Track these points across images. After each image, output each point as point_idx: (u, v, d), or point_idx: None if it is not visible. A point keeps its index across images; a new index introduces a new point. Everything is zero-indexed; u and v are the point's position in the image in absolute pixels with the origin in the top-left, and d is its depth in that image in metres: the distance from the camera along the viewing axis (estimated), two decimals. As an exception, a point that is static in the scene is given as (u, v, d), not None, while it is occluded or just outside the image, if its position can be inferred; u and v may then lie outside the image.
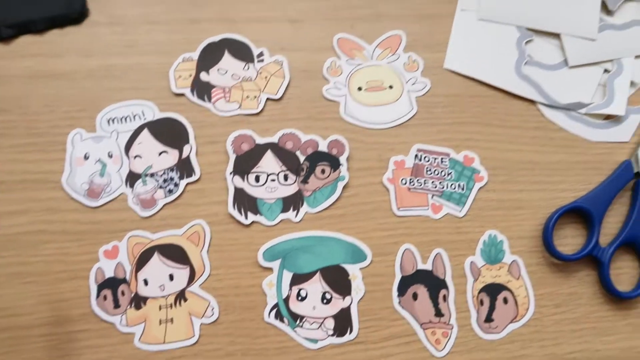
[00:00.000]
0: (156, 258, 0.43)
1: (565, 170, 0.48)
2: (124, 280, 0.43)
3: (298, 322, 0.43)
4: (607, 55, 0.50)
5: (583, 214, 0.46)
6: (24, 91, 0.48)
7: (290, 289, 0.44)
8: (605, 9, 0.52)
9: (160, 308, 0.42)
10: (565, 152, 0.49)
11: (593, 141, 0.49)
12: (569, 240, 0.46)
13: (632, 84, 0.50)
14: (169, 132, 0.47)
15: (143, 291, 0.43)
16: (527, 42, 0.51)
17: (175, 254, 0.44)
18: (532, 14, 0.51)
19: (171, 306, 0.42)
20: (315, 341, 0.43)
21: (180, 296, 0.43)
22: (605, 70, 0.50)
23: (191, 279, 0.43)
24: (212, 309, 0.43)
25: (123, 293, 0.42)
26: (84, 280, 0.43)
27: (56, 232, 0.44)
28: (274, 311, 0.43)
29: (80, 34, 0.50)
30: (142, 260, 0.43)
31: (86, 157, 0.46)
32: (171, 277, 0.43)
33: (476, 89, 0.50)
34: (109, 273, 0.43)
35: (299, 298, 0.43)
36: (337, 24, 0.51)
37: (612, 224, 0.47)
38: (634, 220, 0.45)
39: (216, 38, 0.50)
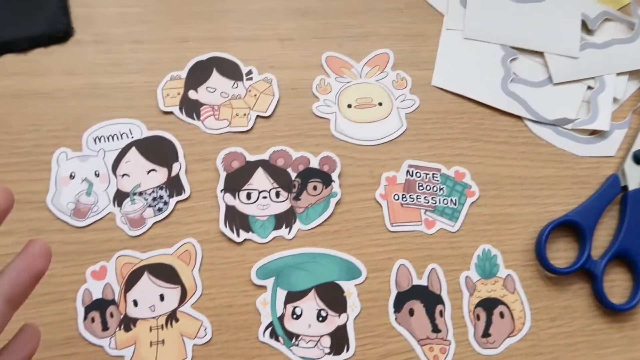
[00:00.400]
0: (146, 278, 0.42)
1: (554, 185, 0.49)
2: (112, 302, 0.41)
3: (294, 340, 0.42)
4: (589, 73, 0.52)
5: (574, 227, 0.46)
6: (7, 110, 0.47)
7: (285, 307, 0.43)
8: (586, 28, 0.54)
9: (150, 329, 0.41)
10: (554, 167, 0.49)
11: (580, 156, 0.50)
12: (562, 253, 0.46)
13: (615, 100, 0.51)
14: (157, 150, 0.46)
15: (133, 312, 0.41)
16: (512, 60, 0.52)
17: (165, 273, 0.42)
18: (516, 33, 0.53)
19: (162, 327, 0.41)
20: (311, 360, 0.41)
21: (172, 317, 0.41)
22: (589, 87, 0.52)
23: (182, 298, 0.42)
24: (205, 329, 0.41)
25: (112, 315, 0.41)
26: (70, 303, 0.41)
27: (40, 253, 0.42)
28: (268, 330, 0.42)
29: (65, 53, 0.49)
30: (132, 280, 0.42)
31: (72, 177, 0.45)
32: (162, 297, 0.42)
33: (464, 106, 0.51)
34: (97, 294, 0.41)
35: (294, 316, 0.42)
36: (325, 43, 0.52)
37: (602, 237, 0.47)
38: (624, 232, 0.46)
39: (204, 56, 0.50)
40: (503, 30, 0.53)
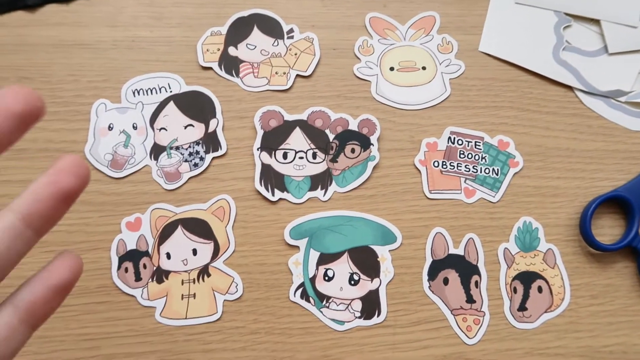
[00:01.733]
0: (180, 232, 0.42)
1: (603, 159, 0.46)
2: (146, 253, 0.41)
3: (324, 302, 0.41)
4: (648, 43, 0.49)
5: (622, 203, 0.44)
6: (48, 60, 0.47)
7: (317, 268, 0.42)
8: (647, -4, 0.51)
9: (182, 283, 0.41)
10: (604, 140, 0.47)
11: (633, 130, 0.47)
12: (607, 230, 0.45)
13: (674, 73, 0.48)
14: (195, 106, 0.46)
15: (165, 265, 0.41)
16: (565, 28, 0.50)
17: (199, 228, 0.42)
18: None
19: (194, 281, 0.41)
20: (341, 323, 0.41)
21: (204, 271, 0.41)
22: (646, 59, 0.49)
23: (215, 254, 0.42)
24: (236, 286, 0.41)
25: (145, 266, 0.41)
26: (104, 252, 0.41)
27: (77, 202, 0.42)
28: (299, 290, 0.41)
29: (106, 5, 0.49)
30: (165, 233, 0.42)
31: (110, 128, 0.45)
32: (194, 252, 0.42)
33: (512, 73, 0.49)
34: (131, 245, 0.42)
35: (326, 278, 0.42)
36: (369, 3, 0.50)
37: (651, 215, 0.45)
38: (675, 211, 0.44)
39: (245, 13, 0.49)
40: (557, -4, 0.50)
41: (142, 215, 0.42)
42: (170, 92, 0.46)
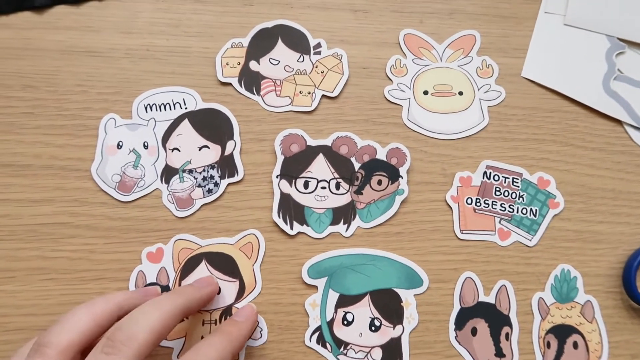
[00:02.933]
0: (203, 267, 0.39)
1: (651, 203, 0.43)
2: (166, 288, 0.38)
3: (342, 349, 0.38)
4: None
5: (670, 254, 0.41)
6: (55, 66, 0.43)
7: (336, 311, 0.39)
8: None
9: (203, 323, 0.38)
10: (653, 182, 0.43)
11: (685, 172, 0.43)
12: (652, 283, 0.41)
13: None
14: (212, 125, 0.42)
15: (186, 304, 0.38)
16: (618, 54, 0.45)
17: (224, 264, 0.39)
18: (626, 23, 0.46)
19: (216, 322, 0.38)
20: (360, 374, 0.38)
21: (227, 312, 0.38)
22: None
23: (240, 294, 0.39)
24: (261, 331, 0.38)
25: (163, 302, 0.38)
26: (110, 282, 0.39)
27: (82, 226, 0.40)
28: (315, 334, 0.39)
29: (120, 9, 0.45)
30: (188, 267, 0.39)
31: (119, 146, 0.41)
32: (218, 291, 0.39)
33: (556, 103, 0.45)
34: (151, 278, 0.39)
35: (345, 322, 0.39)
36: (404, 18, 0.46)
37: (701, 269, 0.41)
38: None
39: (270, 24, 0.45)
40: (611, 19, 0.46)
41: (164, 245, 0.39)
42: (186, 108, 0.43)
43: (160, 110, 0.43)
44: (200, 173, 0.41)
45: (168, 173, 0.41)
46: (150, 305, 0.30)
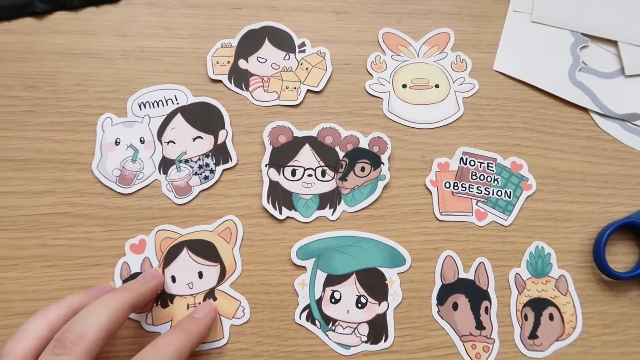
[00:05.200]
0: (185, 254, 0.41)
1: (618, 184, 0.45)
2: (152, 276, 0.40)
3: (330, 325, 0.40)
4: (666, 66, 0.48)
5: (637, 230, 0.43)
6: (55, 68, 0.46)
7: (324, 290, 0.41)
8: (666, 17, 0.50)
9: (187, 307, 0.40)
10: (619, 165, 0.46)
11: (649, 154, 0.46)
12: (621, 257, 0.44)
13: (692, 97, 0.47)
14: (203, 117, 0.45)
15: (170, 289, 0.40)
16: (581, 48, 0.49)
17: (205, 250, 0.41)
18: (589, 19, 0.49)
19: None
20: (347, 347, 0.40)
21: (210, 295, 0.40)
22: (664, 82, 0.48)
23: (221, 277, 0.41)
24: (243, 310, 0.40)
25: (149, 290, 0.40)
26: (108, 268, 0.41)
27: (81, 215, 0.42)
28: (305, 312, 0.41)
29: (116, 14, 0.48)
30: (171, 256, 0.41)
31: (117, 143, 0.44)
32: (200, 275, 0.41)
33: (526, 93, 0.48)
34: (135, 268, 0.41)
35: (333, 300, 0.41)
36: (383, 18, 0.49)
37: (667, 243, 0.44)
38: (692, 240, 0.43)
39: (257, 25, 0.48)
40: (574, 15, 0.49)
41: (146, 237, 0.41)
42: (177, 104, 0.45)
43: (153, 107, 0.45)
44: (196, 162, 0.44)
45: (165, 164, 0.44)
46: (97, 304, 0.31)
